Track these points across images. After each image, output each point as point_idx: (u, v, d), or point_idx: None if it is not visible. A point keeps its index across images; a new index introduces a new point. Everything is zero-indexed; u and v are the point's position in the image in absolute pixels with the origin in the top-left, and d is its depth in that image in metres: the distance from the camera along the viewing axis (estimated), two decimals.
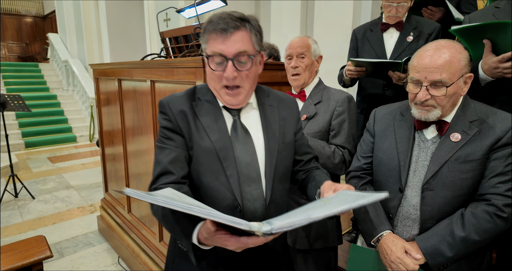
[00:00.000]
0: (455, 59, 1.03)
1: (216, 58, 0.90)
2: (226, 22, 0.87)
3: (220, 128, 0.97)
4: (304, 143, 1.15)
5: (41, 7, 13.44)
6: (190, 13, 2.53)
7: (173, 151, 0.95)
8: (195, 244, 0.78)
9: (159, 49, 5.29)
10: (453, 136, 1.10)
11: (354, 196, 0.76)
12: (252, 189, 0.96)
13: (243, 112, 1.01)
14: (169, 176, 0.92)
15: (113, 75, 2.42)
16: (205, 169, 0.96)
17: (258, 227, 0.64)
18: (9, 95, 3.78)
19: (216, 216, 0.62)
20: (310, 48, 1.49)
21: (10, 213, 3.48)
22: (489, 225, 1.03)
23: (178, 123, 0.96)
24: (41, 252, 1.37)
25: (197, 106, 0.99)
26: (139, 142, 2.19)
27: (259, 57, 0.98)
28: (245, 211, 0.96)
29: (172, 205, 0.62)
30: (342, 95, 1.48)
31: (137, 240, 2.36)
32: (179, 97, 1.00)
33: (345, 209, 0.67)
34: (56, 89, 8.58)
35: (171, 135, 0.97)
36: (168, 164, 0.93)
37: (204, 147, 0.95)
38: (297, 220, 0.64)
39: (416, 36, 1.81)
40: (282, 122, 1.05)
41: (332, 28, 3.66)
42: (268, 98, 1.07)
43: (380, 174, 1.26)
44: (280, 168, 1.01)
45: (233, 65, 0.89)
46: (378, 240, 1.19)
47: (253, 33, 0.91)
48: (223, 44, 0.88)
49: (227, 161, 0.94)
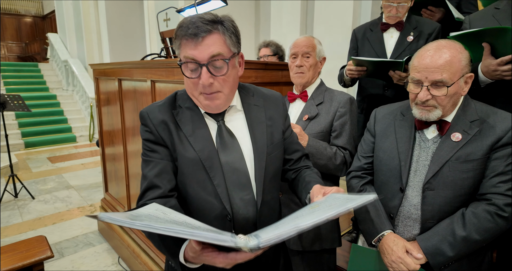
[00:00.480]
0: (456, 59, 1.03)
1: (190, 65, 0.86)
2: (196, 27, 0.82)
3: (204, 137, 0.93)
4: (293, 141, 1.12)
5: (41, 7, 13.43)
6: (190, 13, 2.53)
7: (158, 163, 0.92)
8: (183, 263, 0.76)
9: (159, 49, 5.28)
10: (453, 136, 1.10)
11: (343, 199, 0.73)
12: (243, 195, 0.93)
13: (227, 116, 0.97)
14: (155, 190, 0.89)
15: (113, 75, 2.42)
16: (191, 180, 0.93)
17: (245, 242, 0.62)
18: (9, 95, 3.77)
19: (199, 236, 0.60)
20: (316, 49, 1.50)
21: (10, 213, 3.48)
22: (490, 224, 1.03)
23: (160, 135, 0.93)
24: (42, 252, 1.37)
25: (178, 114, 0.95)
26: (139, 142, 2.18)
27: (237, 59, 0.93)
28: (236, 219, 0.93)
29: (151, 228, 0.59)
30: (344, 97, 1.48)
31: (137, 240, 2.36)
32: (159, 107, 0.96)
33: (332, 215, 0.65)
34: (55, 89, 8.58)
35: (155, 147, 0.94)
36: (154, 177, 0.90)
37: (188, 157, 0.92)
38: (285, 231, 0.62)
39: (416, 36, 1.81)
40: (269, 122, 1.02)
41: (332, 28, 3.66)
42: (253, 98, 1.03)
43: (381, 174, 1.26)
44: (270, 169, 0.99)
45: (207, 71, 0.84)
46: (379, 240, 1.19)
47: (227, 36, 0.86)
48: (195, 50, 0.83)
49: (213, 170, 0.91)
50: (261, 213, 0.95)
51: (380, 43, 1.90)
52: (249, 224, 0.95)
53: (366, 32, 1.98)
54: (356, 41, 2.03)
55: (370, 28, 1.97)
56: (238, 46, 0.92)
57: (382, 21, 1.92)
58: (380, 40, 1.91)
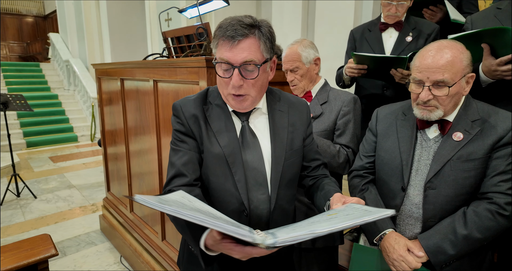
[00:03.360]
0: (457, 59, 1.04)
1: (223, 65, 0.90)
2: (234, 29, 0.86)
3: (230, 134, 0.98)
4: (312, 149, 1.14)
5: (42, 7, 13.45)
6: (192, 13, 2.54)
7: (186, 153, 0.98)
8: (202, 249, 0.79)
9: (160, 49, 5.30)
10: (455, 135, 1.11)
11: (361, 211, 0.75)
12: (259, 194, 0.97)
13: (252, 118, 1.02)
14: (182, 178, 0.95)
15: (115, 75, 2.43)
16: (214, 173, 0.98)
17: (262, 239, 0.65)
18: (11, 95, 3.78)
19: (221, 227, 0.63)
20: (301, 58, 1.47)
21: (13, 212, 3.49)
22: (491, 223, 1.04)
23: (190, 127, 0.98)
24: (47, 250, 1.38)
25: (208, 110, 1.00)
26: (142, 141, 2.20)
27: (269, 64, 0.97)
28: (251, 216, 0.97)
29: (180, 214, 0.63)
30: (348, 96, 1.50)
31: (139, 239, 2.37)
32: (192, 101, 1.01)
33: (349, 225, 0.66)
34: (57, 89, 8.59)
35: (184, 138, 0.99)
36: (181, 166, 0.96)
37: (213, 152, 0.97)
38: (301, 234, 0.65)
39: (415, 36, 1.80)
40: (291, 128, 1.05)
41: (333, 28, 3.66)
42: (278, 103, 1.07)
43: (383, 173, 1.27)
44: (286, 174, 1.02)
45: (239, 74, 0.88)
46: (381, 239, 1.20)
47: (262, 41, 0.90)
48: (230, 52, 0.88)
49: (235, 166, 0.96)
50: (273, 215, 0.99)
51: (379, 43, 1.89)
52: (262, 223, 0.99)
53: (364, 32, 1.97)
54: (354, 42, 2.02)
55: (368, 29, 1.96)
56: (272, 51, 0.95)
57: (381, 21, 1.91)
58: (379, 40, 1.90)
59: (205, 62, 1.46)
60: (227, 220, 0.71)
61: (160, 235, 2.09)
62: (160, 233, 2.09)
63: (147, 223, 2.29)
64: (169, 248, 2.02)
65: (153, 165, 2.07)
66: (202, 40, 1.87)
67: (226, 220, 0.71)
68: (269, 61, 0.96)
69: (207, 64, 1.46)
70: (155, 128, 1.98)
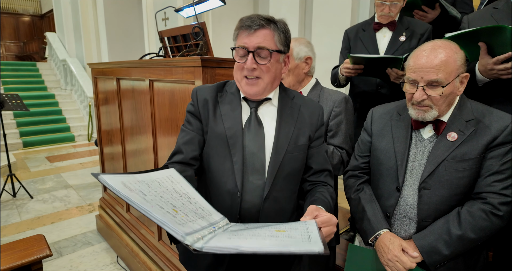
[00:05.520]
0: (451, 59, 1.04)
1: (239, 51, 0.98)
2: (252, 20, 0.96)
3: (235, 117, 1.04)
4: (320, 153, 1.13)
5: (39, 6, 13.38)
6: (188, 12, 2.54)
7: (189, 133, 1.07)
8: None
9: (157, 48, 5.29)
10: (449, 135, 1.11)
11: (300, 237, 0.71)
12: (254, 179, 1.00)
13: (261, 107, 1.06)
14: (179, 155, 1.03)
15: (111, 75, 2.42)
16: (214, 153, 1.04)
17: (192, 241, 0.66)
18: (7, 94, 3.76)
19: (154, 217, 0.66)
20: (292, 51, 1.46)
21: (9, 213, 3.47)
22: (485, 223, 1.04)
23: (199, 109, 1.07)
24: (41, 251, 1.37)
25: (221, 97, 1.09)
26: (138, 141, 2.20)
27: (283, 57, 1.03)
28: (244, 199, 1.00)
29: (129, 200, 0.67)
30: (339, 96, 1.48)
31: (136, 239, 2.36)
32: (209, 88, 1.10)
33: (274, 252, 0.65)
34: (54, 88, 8.55)
35: (191, 119, 1.08)
36: (182, 144, 1.05)
37: (217, 131, 1.03)
38: (227, 247, 0.66)
39: (408, 36, 1.82)
40: (299, 124, 1.07)
41: (331, 28, 3.67)
42: (291, 101, 1.11)
43: (378, 173, 1.27)
44: (286, 167, 1.03)
45: (253, 58, 0.96)
46: (376, 239, 1.20)
47: (277, 33, 0.98)
48: (247, 38, 0.96)
49: (235, 148, 1.01)
50: (265, 203, 1.00)
51: (373, 43, 1.91)
52: (253, 210, 1.00)
53: (359, 32, 1.99)
54: (349, 41, 2.04)
55: (362, 28, 1.98)
56: (286, 45, 1.03)
57: (375, 21, 1.93)
58: (373, 39, 1.91)
59: (201, 62, 1.45)
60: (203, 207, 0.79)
61: (157, 235, 2.09)
62: (157, 233, 2.08)
63: (144, 223, 2.28)
64: (165, 248, 2.01)
65: (149, 165, 2.06)
66: (198, 40, 1.86)
67: (203, 206, 0.79)
68: (283, 54, 1.03)
69: (202, 63, 1.45)
70: (151, 128, 1.97)
